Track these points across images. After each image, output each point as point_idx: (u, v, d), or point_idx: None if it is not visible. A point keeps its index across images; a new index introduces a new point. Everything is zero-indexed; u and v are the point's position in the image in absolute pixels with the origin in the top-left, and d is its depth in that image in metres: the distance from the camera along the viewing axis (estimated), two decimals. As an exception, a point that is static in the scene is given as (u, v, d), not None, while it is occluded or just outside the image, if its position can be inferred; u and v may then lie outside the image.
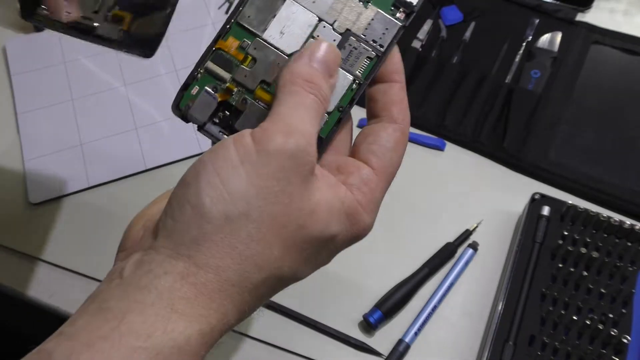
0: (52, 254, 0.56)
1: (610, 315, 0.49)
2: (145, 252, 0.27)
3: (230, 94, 0.31)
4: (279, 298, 0.53)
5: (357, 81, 0.32)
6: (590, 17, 0.73)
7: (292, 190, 0.27)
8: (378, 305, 0.52)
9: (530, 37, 0.71)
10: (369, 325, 0.52)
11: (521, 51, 0.70)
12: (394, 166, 0.32)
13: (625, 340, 0.48)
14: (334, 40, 0.31)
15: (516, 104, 0.65)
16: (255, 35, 0.31)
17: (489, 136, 0.63)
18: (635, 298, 0.50)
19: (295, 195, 0.27)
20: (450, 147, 0.64)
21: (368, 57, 0.32)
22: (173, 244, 0.27)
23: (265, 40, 0.31)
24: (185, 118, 0.31)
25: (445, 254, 0.56)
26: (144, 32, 0.36)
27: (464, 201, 0.60)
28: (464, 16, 0.73)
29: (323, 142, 0.31)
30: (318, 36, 0.31)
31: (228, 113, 0.31)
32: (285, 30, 0.31)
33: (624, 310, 0.49)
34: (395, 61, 0.33)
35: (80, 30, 0.37)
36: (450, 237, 0.57)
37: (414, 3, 0.31)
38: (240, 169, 0.27)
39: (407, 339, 0.51)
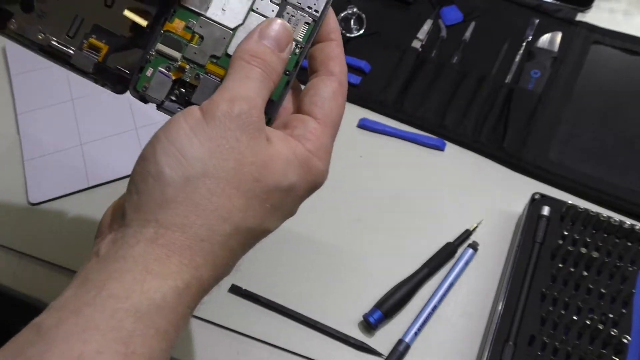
0: (52, 254, 0.56)
1: (610, 315, 0.49)
2: (117, 231, 0.30)
3: (183, 71, 0.34)
4: (278, 298, 0.53)
5: (299, 45, 0.34)
6: (590, 17, 0.73)
7: (241, 148, 0.30)
8: (378, 305, 0.52)
9: (530, 37, 0.71)
10: (369, 325, 0.52)
11: (521, 51, 0.70)
12: (335, 113, 0.35)
13: (625, 340, 0.48)
14: (272, 10, 0.34)
15: (516, 104, 0.65)
16: (199, 14, 0.33)
17: (489, 136, 0.63)
18: (635, 298, 0.50)
19: (246, 151, 0.30)
20: (450, 147, 0.64)
21: (306, 22, 0.34)
22: (141, 213, 0.29)
23: (209, 18, 0.33)
24: (144, 99, 0.34)
25: (445, 254, 0.56)
26: (118, 67, 0.35)
27: (464, 201, 0.60)
28: (464, 16, 0.73)
29: (275, 104, 0.34)
30: (257, 8, 0.33)
31: (183, 90, 0.34)
32: (226, 6, 0.33)
33: (624, 310, 0.50)
34: (330, 22, 0.35)
35: (54, 55, 0.36)
36: (450, 237, 0.57)
37: None
38: (192, 136, 0.29)
39: (407, 339, 0.51)
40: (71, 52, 0.35)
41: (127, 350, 0.26)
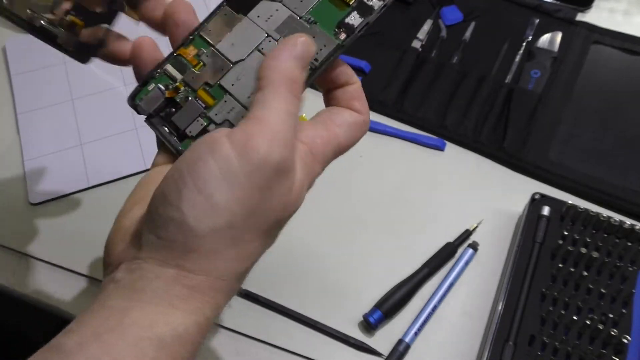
0: (52, 254, 0.56)
1: (610, 315, 0.49)
2: (132, 262, 0.29)
3: (178, 92, 0.34)
4: (278, 298, 0.53)
5: None
6: (590, 17, 0.73)
7: (273, 198, 0.29)
8: (378, 305, 0.52)
9: (530, 37, 0.71)
10: (369, 325, 0.52)
11: (521, 51, 0.70)
12: (346, 139, 0.33)
13: (625, 340, 0.48)
14: None
15: (516, 104, 0.65)
16: (211, 45, 0.35)
17: (489, 136, 0.63)
18: (635, 298, 0.50)
19: (274, 201, 0.29)
20: (450, 147, 0.64)
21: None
22: (160, 256, 0.28)
23: (217, 50, 0.34)
24: (137, 109, 0.35)
25: (445, 254, 0.56)
26: (88, 40, 0.38)
27: (464, 201, 0.60)
28: (464, 16, 0.73)
29: None
30: (262, 49, 0.33)
31: (174, 110, 0.34)
32: (236, 42, 0.34)
33: (624, 310, 0.50)
34: (345, 70, 0.34)
35: (44, 34, 0.38)
36: (450, 237, 0.57)
37: (355, 26, 0.33)
38: (221, 181, 0.27)
39: (407, 339, 0.51)
40: (57, 32, 0.38)
41: None
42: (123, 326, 0.26)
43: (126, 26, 0.39)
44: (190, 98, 0.34)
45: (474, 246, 0.56)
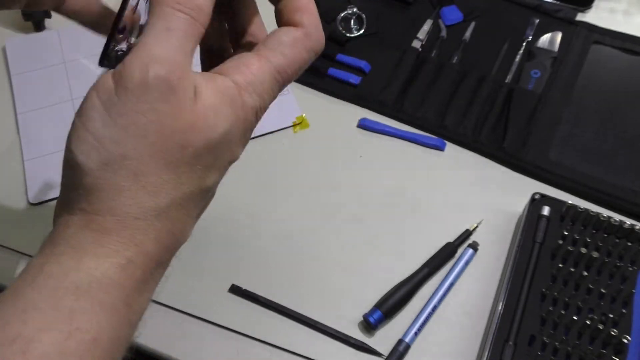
0: (52, 254, 0.56)
1: (610, 315, 0.49)
2: (55, 218, 0.30)
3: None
4: (278, 298, 0.53)
5: None
6: (590, 17, 0.73)
7: (161, 118, 0.27)
8: (378, 305, 0.52)
9: (530, 37, 0.71)
10: (369, 325, 0.52)
11: (521, 51, 0.70)
12: (288, 59, 0.30)
13: (625, 340, 0.48)
14: None
15: (516, 104, 0.65)
16: None
17: (489, 136, 0.63)
18: (635, 298, 0.50)
19: (166, 121, 0.27)
20: (450, 147, 0.64)
21: None
22: (66, 204, 0.28)
23: None
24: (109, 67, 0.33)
25: (445, 254, 0.56)
26: None
27: (464, 201, 0.60)
28: (464, 16, 0.73)
29: None
30: None
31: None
32: None
33: (624, 310, 0.49)
34: None
35: None
36: (450, 237, 0.57)
37: None
38: (104, 115, 0.27)
39: (407, 339, 0.51)
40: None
41: (71, 327, 0.25)
42: (38, 280, 0.26)
43: None
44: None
45: (474, 246, 0.56)
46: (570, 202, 0.55)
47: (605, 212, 0.55)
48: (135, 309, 0.28)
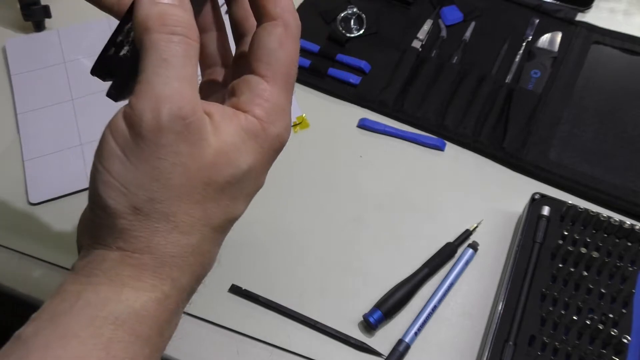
0: (52, 254, 0.56)
1: (610, 315, 0.49)
2: (87, 248, 0.29)
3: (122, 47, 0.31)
4: (278, 298, 0.53)
5: None
6: (590, 17, 0.73)
7: (182, 159, 0.27)
8: (378, 305, 0.52)
9: (530, 37, 0.71)
10: (369, 325, 0.52)
11: (521, 51, 0.70)
12: (285, 65, 0.30)
13: (625, 340, 0.48)
14: None
15: (516, 104, 0.65)
16: None
17: (489, 136, 0.63)
18: (635, 298, 0.50)
19: (188, 162, 0.27)
20: (450, 147, 0.64)
21: None
22: (101, 240, 0.28)
23: None
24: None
25: (445, 254, 0.56)
26: None
27: (464, 201, 0.60)
28: (464, 16, 0.73)
29: None
30: None
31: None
32: None
33: (624, 310, 0.49)
34: None
35: None
36: (450, 237, 0.57)
37: None
38: (125, 161, 0.27)
39: (407, 339, 0.51)
40: None
41: (108, 355, 0.26)
42: (77, 307, 0.26)
43: None
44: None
45: (474, 246, 0.56)
46: (570, 202, 0.55)
47: (605, 212, 0.55)
48: (165, 337, 0.29)
